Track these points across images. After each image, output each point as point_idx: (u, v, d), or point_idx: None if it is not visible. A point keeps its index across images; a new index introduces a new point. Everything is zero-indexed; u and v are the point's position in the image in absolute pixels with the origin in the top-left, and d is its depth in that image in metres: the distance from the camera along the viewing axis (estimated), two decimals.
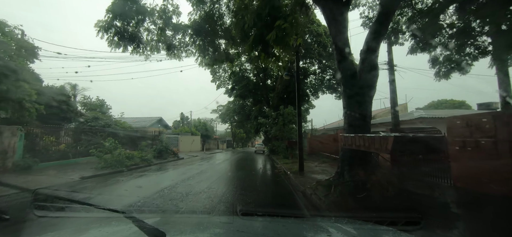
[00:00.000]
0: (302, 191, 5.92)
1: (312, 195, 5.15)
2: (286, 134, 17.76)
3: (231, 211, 4.22)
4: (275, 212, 2.04)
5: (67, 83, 34.30)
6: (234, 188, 6.44)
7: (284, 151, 17.46)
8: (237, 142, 56.75)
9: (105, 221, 1.53)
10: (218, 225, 1.57)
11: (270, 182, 7.97)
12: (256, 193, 6.12)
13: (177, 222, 1.75)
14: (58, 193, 5.76)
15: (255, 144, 39.75)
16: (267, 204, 5.00)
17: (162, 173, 9.70)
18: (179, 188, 6.35)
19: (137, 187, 6.87)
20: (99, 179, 8.12)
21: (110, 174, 9.07)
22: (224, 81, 29.99)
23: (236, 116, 38.58)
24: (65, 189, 6.43)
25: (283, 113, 17.36)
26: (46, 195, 1.85)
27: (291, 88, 25.04)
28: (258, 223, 1.64)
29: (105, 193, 6.03)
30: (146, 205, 4.65)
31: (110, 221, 1.51)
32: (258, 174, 9.99)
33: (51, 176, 8.07)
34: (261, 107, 28.42)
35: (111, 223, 1.46)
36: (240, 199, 5.22)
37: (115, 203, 5.04)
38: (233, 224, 1.53)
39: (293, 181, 7.57)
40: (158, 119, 30.62)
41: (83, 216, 1.78)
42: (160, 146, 16.18)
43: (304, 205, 4.84)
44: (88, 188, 6.60)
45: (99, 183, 7.31)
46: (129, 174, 9.34)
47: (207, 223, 1.64)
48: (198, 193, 5.78)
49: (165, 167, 11.81)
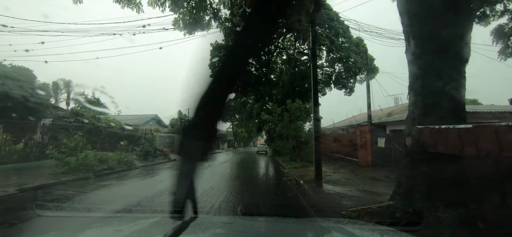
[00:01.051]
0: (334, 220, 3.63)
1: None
2: (293, 132, 15.43)
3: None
4: (276, 212, 2.07)
5: (60, 79, 32.71)
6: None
7: (290, 152, 15.16)
8: (239, 141, 54.67)
9: (106, 220, 1.65)
10: (219, 225, 1.52)
11: (279, 201, 5.63)
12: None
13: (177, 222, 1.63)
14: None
15: (257, 144, 37.56)
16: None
17: (134, 182, 7.48)
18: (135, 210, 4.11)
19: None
20: (42, 191, 5.92)
21: (64, 183, 6.87)
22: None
23: (237, 114, 36.49)
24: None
25: (290, 109, 15.03)
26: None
27: (297, 82, 22.76)
28: (259, 223, 1.62)
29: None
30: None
31: (112, 221, 1.62)
32: (262, 184, 7.68)
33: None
34: (264, 104, 26.20)
35: (112, 223, 1.52)
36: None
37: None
38: (233, 224, 1.49)
39: (311, 198, 5.27)
40: (153, 117, 28.50)
41: (84, 216, 1.94)
42: (147, 146, 13.99)
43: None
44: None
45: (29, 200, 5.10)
46: (91, 183, 7.16)
47: (208, 223, 1.54)
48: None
49: (146, 172, 9.59)
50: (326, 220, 2.10)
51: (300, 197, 5.51)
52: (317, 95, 6.67)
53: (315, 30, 7.04)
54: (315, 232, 1.42)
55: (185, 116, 38.23)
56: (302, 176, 8.06)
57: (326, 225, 1.60)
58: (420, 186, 2.89)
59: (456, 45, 2.88)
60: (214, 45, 25.64)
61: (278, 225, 1.53)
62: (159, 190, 5.92)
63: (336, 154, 14.67)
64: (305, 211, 4.42)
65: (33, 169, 8.69)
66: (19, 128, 9.94)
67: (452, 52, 2.89)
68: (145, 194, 5.54)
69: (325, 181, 7.16)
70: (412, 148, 3.07)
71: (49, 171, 8.05)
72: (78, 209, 4.25)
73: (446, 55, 2.88)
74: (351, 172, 9.10)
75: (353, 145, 12.46)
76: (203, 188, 6.28)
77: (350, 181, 7.08)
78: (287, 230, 1.39)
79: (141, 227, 1.25)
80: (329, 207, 4.30)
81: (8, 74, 11.16)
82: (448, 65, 2.90)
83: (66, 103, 31.83)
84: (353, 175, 8.35)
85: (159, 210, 3.88)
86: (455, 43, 2.87)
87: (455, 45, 2.88)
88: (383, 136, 10.72)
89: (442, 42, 2.89)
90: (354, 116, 24.32)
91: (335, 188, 6.17)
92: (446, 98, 2.85)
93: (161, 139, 23.20)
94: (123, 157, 10.54)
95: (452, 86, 2.84)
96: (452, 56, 2.90)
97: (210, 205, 4.62)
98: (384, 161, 10.04)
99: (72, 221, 2.93)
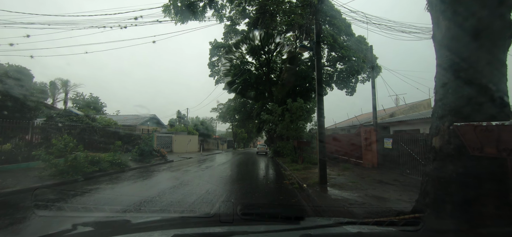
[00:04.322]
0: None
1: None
2: (294, 132, 14.94)
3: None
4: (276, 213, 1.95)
5: (57, 79, 32.21)
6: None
7: (291, 153, 14.66)
8: (239, 142, 54.24)
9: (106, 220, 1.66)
10: (218, 225, 1.52)
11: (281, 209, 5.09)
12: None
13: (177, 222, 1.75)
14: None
15: (257, 145, 37.08)
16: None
17: (122, 186, 6.97)
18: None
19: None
20: (22, 196, 5.41)
21: (47, 187, 6.37)
22: (223, 77, 27.38)
23: (237, 115, 35.98)
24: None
25: (291, 108, 14.53)
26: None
27: (298, 82, 22.25)
28: (258, 223, 1.62)
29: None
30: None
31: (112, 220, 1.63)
32: (262, 188, 7.16)
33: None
34: (264, 103, 25.71)
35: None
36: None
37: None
38: (233, 223, 1.50)
39: (317, 205, 4.77)
40: (151, 117, 27.99)
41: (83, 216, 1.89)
42: (143, 146, 13.48)
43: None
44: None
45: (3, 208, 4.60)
46: (78, 187, 6.67)
47: (207, 223, 1.59)
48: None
49: (139, 175, 9.08)
50: (326, 220, 2.14)
51: (304, 204, 5.01)
52: (321, 89, 6.18)
53: (319, 23, 6.55)
54: (315, 232, 1.39)
55: (184, 116, 37.75)
56: (305, 179, 7.56)
57: (325, 225, 1.61)
58: (454, 195, 2.38)
59: (497, 26, 2.39)
60: (213, 43, 25.19)
61: (277, 225, 1.51)
62: (148, 197, 5.37)
63: (338, 155, 14.16)
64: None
65: (20, 171, 8.21)
66: (8, 128, 9.43)
67: (492, 35, 2.40)
68: (133, 201, 5.03)
69: (330, 184, 6.67)
70: (443, 150, 2.57)
71: (36, 173, 7.57)
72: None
73: (485, 38, 2.39)
74: (356, 174, 8.59)
75: (356, 146, 11.95)
76: (198, 193, 5.78)
77: (357, 185, 6.58)
78: (285, 229, 1.39)
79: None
80: (339, 216, 3.81)
81: (3, 73, 10.67)
82: (486, 50, 2.41)
83: (64, 103, 31.35)
84: (359, 177, 7.84)
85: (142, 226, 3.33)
86: (495, 24, 2.38)
87: (495, 26, 2.38)
88: (388, 136, 10.22)
89: (479, 23, 2.40)
90: (356, 116, 23.87)
91: (342, 193, 5.66)
92: (485, 90, 2.36)
93: (159, 139, 22.71)
94: (116, 158, 10.04)
95: (492, 76, 2.35)
96: (491, 40, 2.40)
97: (203, 214, 4.12)
98: (391, 163, 9.54)
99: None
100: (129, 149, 14.52)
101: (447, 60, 2.62)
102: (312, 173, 8.90)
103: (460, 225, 2.23)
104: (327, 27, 16.61)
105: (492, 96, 2.36)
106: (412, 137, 8.53)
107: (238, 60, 24.70)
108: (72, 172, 7.59)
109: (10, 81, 10.38)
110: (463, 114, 2.44)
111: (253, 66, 25.44)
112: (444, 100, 2.65)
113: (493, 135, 1.82)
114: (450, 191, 2.42)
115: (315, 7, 6.17)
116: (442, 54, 2.72)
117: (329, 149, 14.81)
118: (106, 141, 13.58)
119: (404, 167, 8.59)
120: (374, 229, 1.50)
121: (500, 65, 2.44)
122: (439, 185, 2.54)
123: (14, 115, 10.20)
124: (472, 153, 2.07)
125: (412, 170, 8.15)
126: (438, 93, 2.78)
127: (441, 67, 2.72)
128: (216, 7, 6.89)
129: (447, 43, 2.59)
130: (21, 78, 11.60)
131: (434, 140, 2.77)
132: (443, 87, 2.69)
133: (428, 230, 2.27)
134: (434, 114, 2.88)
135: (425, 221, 2.45)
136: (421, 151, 7.71)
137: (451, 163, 2.49)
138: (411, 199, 4.25)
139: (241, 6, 14.29)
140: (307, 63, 22.74)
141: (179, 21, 6.37)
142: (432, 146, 2.80)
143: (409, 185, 6.58)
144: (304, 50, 7.34)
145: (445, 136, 2.58)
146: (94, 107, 30.49)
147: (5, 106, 10.16)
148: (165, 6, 6.22)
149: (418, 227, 1.58)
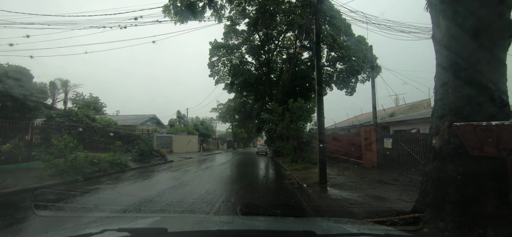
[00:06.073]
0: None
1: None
2: (294, 132, 14.93)
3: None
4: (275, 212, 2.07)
5: (57, 79, 32.19)
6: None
7: (291, 153, 14.66)
8: (239, 142, 54.22)
9: (106, 220, 1.73)
10: (218, 225, 1.49)
11: (281, 209, 5.09)
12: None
13: (177, 221, 1.78)
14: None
15: (257, 145, 37.09)
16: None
17: (122, 186, 6.96)
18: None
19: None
20: (22, 196, 5.41)
21: (47, 187, 6.37)
22: (223, 77, 27.39)
23: (237, 115, 36.00)
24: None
25: (291, 108, 14.53)
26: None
27: (298, 82, 22.24)
28: (258, 222, 1.62)
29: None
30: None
31: (112, 220, 1.72)
32: (262, 188, 7.16)
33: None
34: (264, 103, 25.72)
35: (113, 222, 1.56)
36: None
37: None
38: (233, 223, 1.49)
39: (317, 205, 4.77)
40: (151, 117, 27.98)
41: (83, 216, 1.88)
42: (143, 146, 13.48)
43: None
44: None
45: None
46: (78, 187, 6.67)
47: (207, 223, 1.60)
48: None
49: (139, 175, 9.08)
50: (326, 220, 2.15)
51: (304, 204, 5.01)
52: (321, 88, 6.18)
53: (319, 22, 6.55)
54: (315, 231, 1.39)
55: (183, 116, 37.73)
56: (305, 179, 7.56)
57: (325, 225, 1.59)
58: (454, 195, 2.38)
59: (496, 26, 2.39)
60: (213, 43, 25.18)
61: (277, 224, 1.51)
62: (148, 197, 5.39)
63: (338, 155, 14.16)
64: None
65: (20, 171, 8.21)
66: (7, 128, 9.43)
67: (491, 34, 2.40)
68: (132, 201, 5.03)
69: (330, 184, 6.67)
70: (442, 150, 2.57)
71: (36, 173, 7.57)
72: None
73: (484, 38, 2.39)
74: (356, 174, 8.60)
75: (356, 145, 11.96)
76: (198, 193, 5.79)
77: (357, 185, 6.58)
78: (286, 229, 1.39)
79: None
80: (339, 216, 3.80)
81: (3, 73, 10.67)
82: (486, 50, 2.41)
83: (64, 103, 31.30)
84: (359, 177, 7.85)
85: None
86: (495, 24, 2.38)
87: (495, 26, 2.39)
88: (388, 136, 10.23)
89: (479, 22, 2.40)
90: (356, 116, 23.85)
91: (342, 192, 5.67)
92: (484, 90, 2.36)
93: (159, 139, 22.72)
94: (116, 158, 10.03)
95: (492, 76, 2.35)
96: (491, 40, 2.41)
97: (203, 213, 4.13)
98: (390, 163, 9.55)
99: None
100: (129, 149, 14.51)
101: (447, 60, 2.63)
102: (312, 173, 8.90)
103: (460, 224, 2.23)
104: (327, 27, 16.59)
105: (492, 96, 2.37)
106: (412, 136, 8.54)
107: (238, 60, 24.73)
108: (72, 172, 7.59)
109: (10, 81, 10.38)
110: (463, 114, 2.44)
111: (253, 66, 25.45)
112: (444, 100, 2.65)
113: (493, 134, 1.83)
114: (450, 190, 2.42)
115: (315, 7, 6.18)
116: (442, 54, 2.72)
117: (329, 149, 14.79)
118: (106, 141, 13.60)
119: (404, 167, 8.59)
120: (374, 229, 1.46)
121: (499, 65, 2.44)
122: (439, 185, 2.54)
123: (14, 116, 10.19)
124: (472, 152, 2.07)
125: (412, 170, 8.15)
126: (438, 93, 2.79)
127: (441, 67, 2.72)
128: (216, 7, 6.90)
129: (447, 43, 2.60)
130: (21, 78, 11.62)
131: (434, 139, 2.77)
132: (443, 87, 2.69)
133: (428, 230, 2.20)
134: (434, 114, 2.89)
135: (425, 221, 2.44)
136: (421, 150, 7.72)
137: (451, 163, 2.49)
138: (411, 199, 4.26)
139: (241, 6, 14.29)
140: (307, 63, 22.75)
141: (178, 21, 6.39)
142: (432, 146, 2.80)
143: (409, 185, 6.59)
144: (304, 50, 7.34)
145: (445, 135, 2.58)
146: (94, 107, 30.51)
147: (5, 107, 10.16)
148: (165, 6, 6.25)
149: (418, 227, 1.61)
